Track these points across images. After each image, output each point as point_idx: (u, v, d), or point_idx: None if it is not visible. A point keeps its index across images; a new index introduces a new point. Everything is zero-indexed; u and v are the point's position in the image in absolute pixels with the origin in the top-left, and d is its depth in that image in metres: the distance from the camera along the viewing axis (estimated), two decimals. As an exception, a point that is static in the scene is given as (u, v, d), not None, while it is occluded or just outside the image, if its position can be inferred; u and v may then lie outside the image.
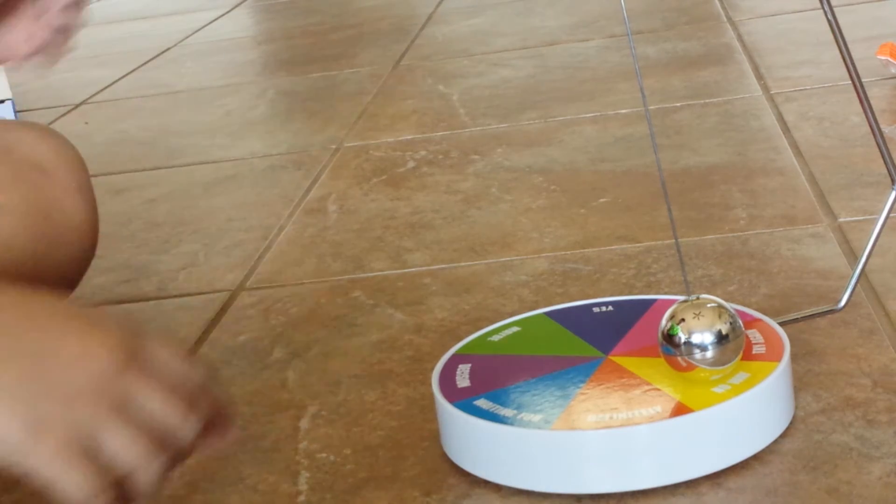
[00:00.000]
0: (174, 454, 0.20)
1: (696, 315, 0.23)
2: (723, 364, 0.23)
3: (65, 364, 0.19)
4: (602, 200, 0.38)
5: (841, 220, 0.34)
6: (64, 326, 0.20)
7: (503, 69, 0.58)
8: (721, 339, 0.23)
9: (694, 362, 0.23)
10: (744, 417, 0.23)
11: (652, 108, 0.48)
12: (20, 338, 0.20)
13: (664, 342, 0.23)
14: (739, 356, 0.23)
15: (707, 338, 0.23)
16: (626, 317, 0.27)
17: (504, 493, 0.23)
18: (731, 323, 0.23)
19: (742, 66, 0.52)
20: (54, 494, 0.19)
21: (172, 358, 0.20)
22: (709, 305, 0.23)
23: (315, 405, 0.28)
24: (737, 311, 0.26)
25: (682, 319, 0.23)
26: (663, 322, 0.23)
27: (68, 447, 0.19)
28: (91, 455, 0.19)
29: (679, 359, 0.23)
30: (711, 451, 0.22)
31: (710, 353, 0.23)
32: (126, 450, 0.20)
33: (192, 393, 0.20)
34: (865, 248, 0.26)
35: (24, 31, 0.24)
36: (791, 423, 0.24)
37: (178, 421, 0.20)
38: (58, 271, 0.25)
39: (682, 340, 0.23)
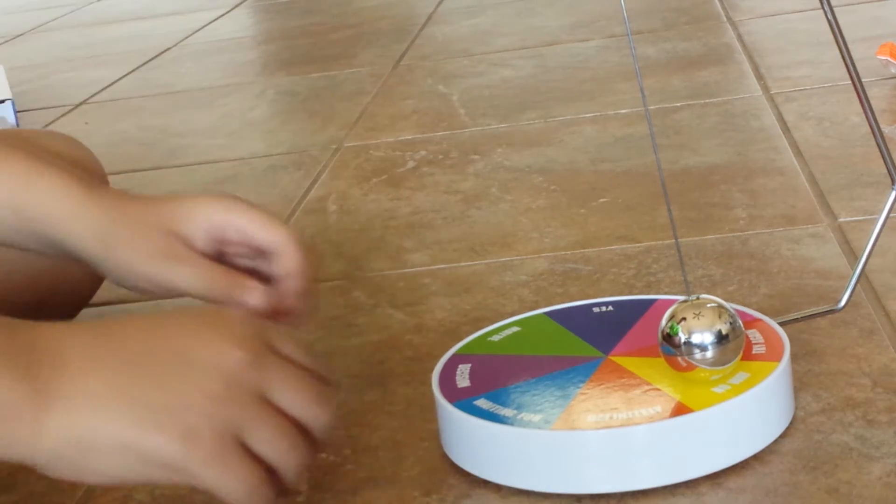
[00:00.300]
0: (313, 442, 0.20)
1: (696, 315, 0.23)
2: (723, 364, 0.23)
3: (201, 371, 0.20)
4: (602, 200, 0.38)
5: (841, 220, 0.34)
6: (190, 333, 0.20)
7: (503, 69, 0.58)
8: (721, 339, 0.23)
9: (694, 362, 0.23)
10: (744, 417, 0.23)
11: (652, 108, 0.48)
12: (153, 354, 0.20)
13: (664, 342, 0.23)
14: (739, 356, 0.23)
15: (707, 338, 0.23)
16: (626, 317, 0.27)
17: (504, 493, 0.23)
18: (730, 323, 0.23)
19: (742, 66, 0.52)
20: (217, 498, 0.20)
21: (297, 349, 0.21)
22: (709, 305, 0.23)
23: (315, 405, 0.28)
24: (737, 311, 0.26)
25: (682, 319, 0.23)
26: (663, 322, 0.23)
27: (220, 451, 0.20)
28: (242, 453, 0.20)
29: (679, 359, 0.23)
30: (711, 452, 0.22)
31: (710, 353, 0.23)
32: (272, 443, 0.20)
33: (320, 382, 0.21)
34: (865, 248, 0.26)
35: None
36: (791, 423, 0.24)
37: (314, 410, 0.20)
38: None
39: (682, 340, 0.23)
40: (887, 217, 0.25)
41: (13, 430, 0.19)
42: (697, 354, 0.23)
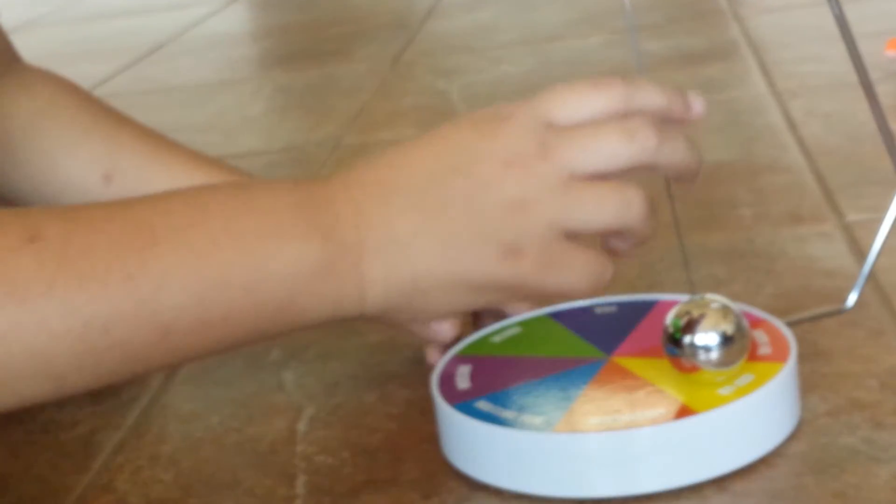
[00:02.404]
0: (676, 180, 0.20)
1: (701, 315, 0.22)
2: (728, 365, 0.23)
3: (494, 184, 0.19)
4: (604, 198, 0.38)
5: (848, 218, 0.33)
6: (470, 149, 0.19)
7: (503, 65, 0.58)
8: (726, 340, 0.22)
9: (698, 364, 0.23)
10: (749, 420, 0.22)
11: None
12: (444, 183, 0.19)
13: (668, 343, 0.23)
14: (745, 358, 0.23)
15: (712, 339, 0.22)
16: (630, 317, 0.26)
17: (505, 496, 0.22)
18: (736, 323, 0.23)
19: (747, 62, 0.51)
20: (566, 298, 0.20)
21: (575, 103, 0.19)
22: (713, 305, 0.23)
23: (312, 407, 0.27)
24: (742, 311, 0.25)
25: (687, 319, 0.22)
26: (667, 322, 0.23)
27: (547, 253, 0.19)
28: (570, 245, 0.19)
29: (683, 360, 0.23)
30: (716, 454, 0.22)
31: (714, 355, 0.22)
32: (598, 216, 0.19)
33: (629, 120, 0.19)
34: (873, 247, 0.25)
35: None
36: (797, 425, 0.23)
37: (623, 153, 0.19)
38: None
39: (687, 341, 0.22)
40: (896, 216, 0.25)
41: (338, 289, 0.19)
42: (702, 356, 0.22)
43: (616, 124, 0.20)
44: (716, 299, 0.23)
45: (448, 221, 0.19)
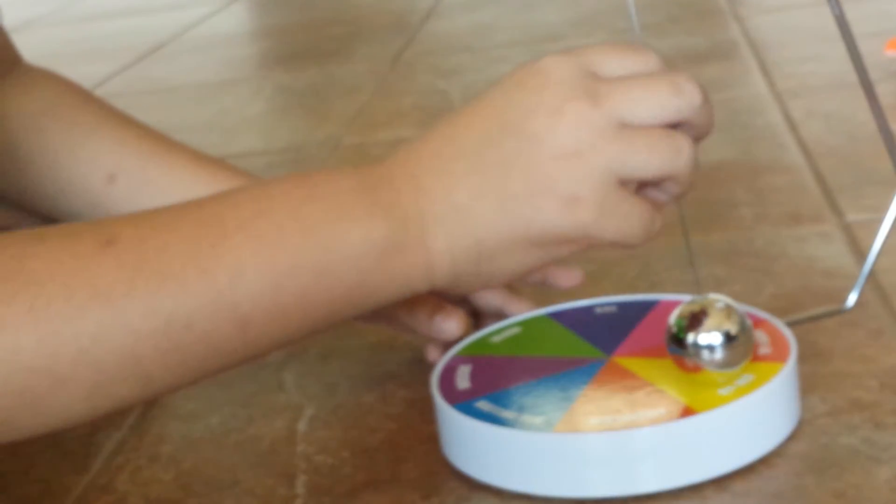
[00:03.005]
0: (694, 133, 0.20)
1: (705, 315, 0.22)
2: (732, 366, 0.23)
3: (546, 139, 0.19)
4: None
5: (848, 218, 0.33)
6: (517, 105, 0.19)
7: (504, 65, 0.58)
8: (730, 339, 0.22)
9: (702, 363, 0.23)
10: (749, 420, 0.22)
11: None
12: (497, 145, 0.19)
13: (671, 343, 0.23)
14: (749, 359, 0.23)
15: (715, 338, 0.22)
16: (630, 317, 0.26)
17: (505, 496, 0.22)
18: (740, 323, 0.22)
19: (747, 62, 0.51)
20: (622, 246, 0.20)
21: (622, 56, 0.20)
22: (717, 305, 0.23)
23: (312, 407, 0.27)
24: (745, 311, 0.25)
25: (690, 319, 0.22)
26: (671, 322, 0.23)
27: (605, 202, 0.19)
28: (625, 192, 0.19)
29: (686, 360, 0.23)
30: (716, 454, 0.22)
31: (718, 355, 0.22)
32: (650, 163, 0.19)
33: (663, 72, 0.20)
34: (873, 247, 0.25)
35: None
36: (797, 425, 0.23)
37: (673, 104, 0.19)
38: None
39: (690, 341, 0.22)
40: (896, 216, 0.25)
41: (407, 264, 0.19)
42: (705, 355, 0.22)
43: (664, 77, 0.20)
44: (719, 299, 0.23)
45: (505, 180, 0.19)
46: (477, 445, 0.23)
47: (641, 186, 0.21)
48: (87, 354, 0.18)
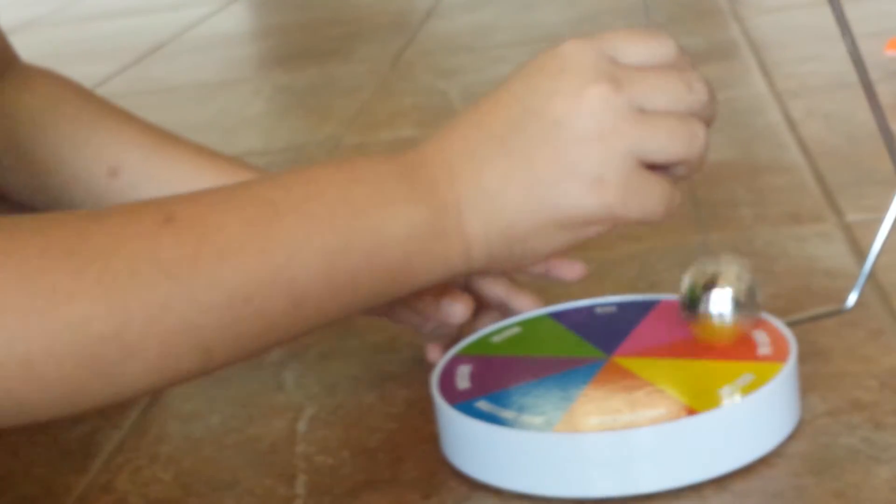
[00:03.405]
0: (705, 121, 0.21)
1: (719, 271, 0.22)
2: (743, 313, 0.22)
3: (571, 121, 0.20)
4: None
5: (848, 218, 0.33)
6: (541, 91, 0.20)
7: (503, 65, 0.58)
8: (746, 295, 0.22)
9: (713, 317, 0.22)
10: (749, 420, 0.22)
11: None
12: (523, 130, 0.20)
13: (687, 306, 0.23)
14: (758, 315, 0.23)
15: (727, 294, 0.22)
16: (630, 317, 0.26)
17: (505, 496, 0.22)
18: (749, 284, 0.22)
19: (747, 62, 0.51)
20: (645, 223, 0.20)
21: (643, 47, 0.20)
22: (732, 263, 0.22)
23: (313, 407, 0.27)
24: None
25: (706, 275, 0.22)
26: (687, 281, 0.23)
27: (628, 182, 0.20)
28: (646, 172, 0.20)
29: (702, 318, 0.22)
30: (716, 454, 0.22)
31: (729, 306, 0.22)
32: (670, 145, 0.20)
33: (678, 63, 0.21)
34: (873, 247, 0.25)
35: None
36: (797, 425, 0.23)
37: (690, 93, 0.20)
38: None
39: (705, 297, 0.22)
40: (896, 215, 0.25)
41: (447, 247, 0.20)
42: (720, 307, 0.22)
43: (677, 72, 0.21)
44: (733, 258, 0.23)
45: (532, 164, 0.20)
46: (477, 445, 0.23)
47: (651, 168, 0.21)
48: (155, 325, 0.18)
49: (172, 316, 0.18)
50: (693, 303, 0.23)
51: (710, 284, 0.22)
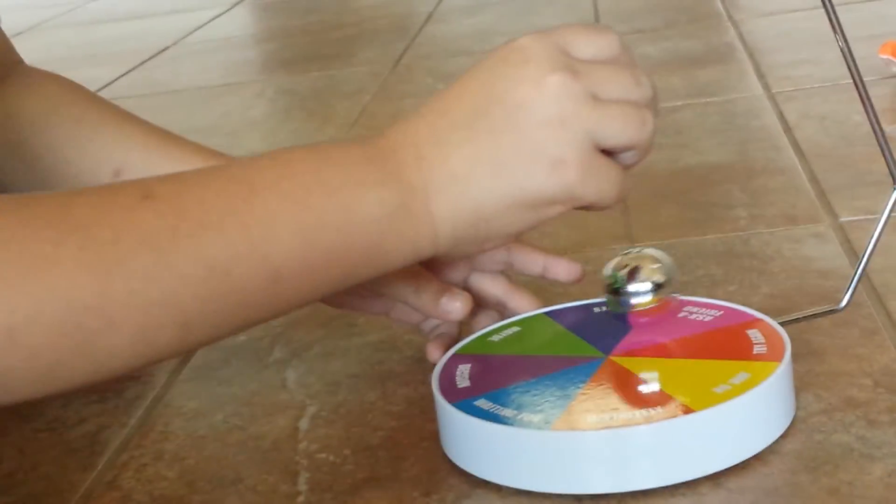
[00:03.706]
0: (654, 111, 0.22)
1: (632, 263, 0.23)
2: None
3: (533, 106, 0.20)
4: (602, 200, 0.39)
5: (842, 219, 0.34)
6: (503, 77, 0.21)
7: (503, 68, 0.58)
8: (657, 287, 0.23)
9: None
10: (745, 417, 0.22)
11: (652, 107, 0.48)
12: (487, 115, 0.21)
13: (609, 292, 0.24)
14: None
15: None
16: (626, 317, 0.26)
17: (504, 493, 0.23)
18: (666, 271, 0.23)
19: (743, 65, 0.52)
20: (596, 209, 0.21)
21: (594, 42, 0.22)
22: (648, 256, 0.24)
23: (315, 405, 0.27)
24: (737, 310, 0.25)
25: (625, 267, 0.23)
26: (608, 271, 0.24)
27: (587, 164, 0.21)
28: (602, 157, 0.21)
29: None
30: (712, 452, 0.22)
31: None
32: (625, 131, 0.21)
33: (623, 59, 0.22)
34: (867, 247, 0.26)
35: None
36: (792, 423, 0.23)
37: (639, 84, 0.21)
38: None
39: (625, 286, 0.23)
40: (888, 217, 0.25)
41: (416, 229, 0.20)
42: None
43: (627, 67, 0.22)
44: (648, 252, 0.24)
45: (497, 147, 0.20)
46: (476, 443, 0.23)
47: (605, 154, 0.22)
48: (137, 296, 0.18)
49: (153, 287, 0.18)
50: (614, 287, 0.24)
51: (629, 271, 0.24)
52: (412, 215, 0.21)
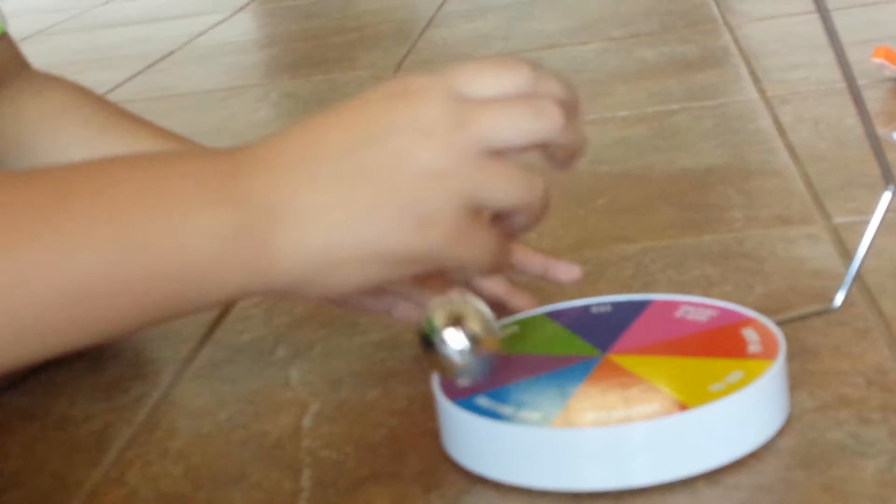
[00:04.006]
0: (559, 162, 0.20)
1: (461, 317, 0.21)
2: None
3: (412, 155, 0.18)
4: (600, 201, 0.39)
5: (836, 220, 0.34)
6: (387, 116, 0.19)
7: (503, 72, 0.59)
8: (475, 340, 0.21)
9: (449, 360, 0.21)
10: (740, 415, 0.23)
11: (650, 110, 0.48)
12: (361, 153, 0.18)
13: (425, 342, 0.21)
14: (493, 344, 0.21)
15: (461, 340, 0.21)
16: (624, 316, 0.27)
17: (503, 489, 0.23)
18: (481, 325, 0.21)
19: (738, 69, 0.52)
20: (464, 273, 0.20)
21: (492, 80, 0.19)
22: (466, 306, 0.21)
23: (317, 403, 0.28)
24: (732, 310, 0.26)
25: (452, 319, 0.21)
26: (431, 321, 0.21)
27: (457, 226, 0.19)
28: (478, 220, 0.19)
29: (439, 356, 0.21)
30: (708, 449, 0.22)
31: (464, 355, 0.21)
32: (507, 193, 0.19)
33: (530, 91, 0.19)
34: (860, 248, 0.26)
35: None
36: (787, 420, 0.24)
37: (540, 129, 0.19)
38: None
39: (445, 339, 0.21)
40: (881, 218, 0.26)
41: (249, 258, 0.18)
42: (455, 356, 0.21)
43: (526, 100, 0.20)
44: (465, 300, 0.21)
45: (364, 193, 0.18)
46: (477, 440, 0.23)
47: (495, 217, 0.20)
48: None
49: None
50: (432, 341, 0.21)
51: (449, 323, 0.21)
52: (247, 242, 0.18)
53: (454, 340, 0.22)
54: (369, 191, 0.19)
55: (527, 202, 0.20)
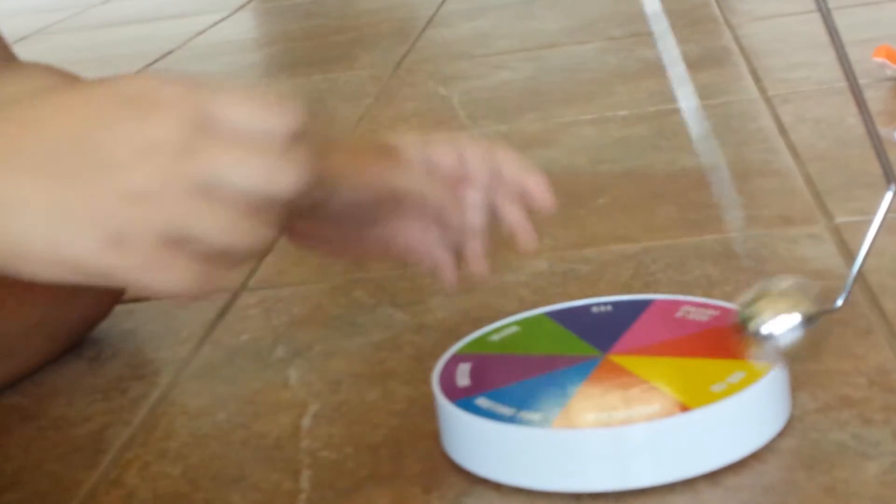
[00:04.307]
0: (283, 207, 0.18)
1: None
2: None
3: (121, 168, 0.17)
4: (601, 201, 0.39)
5: (837, 220, 0.34)
6: (111, 119, 0.17)
7: (503, 71, 0.58)
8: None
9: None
10: (742, 416, 0.23)
11: (651, 109, 0.48)
12: (72, 150, 0.17)
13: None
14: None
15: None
16: (625, 316, 0.27)
17: (503, 491, 0.23)
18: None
19: (739, 69, 0.52)
20: (155, 294, 0.18)
21: (250, 111, 0.18)
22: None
23: (316, 404, 0.28)
24: (734, 310, 0.26)
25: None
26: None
27: (150, 256, 0.17)
28: (177, 253, 0.18)
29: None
30: (709, 450, 0.22)
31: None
32: (215, 237, 0.18)
33: (285, 142, 0.18)
34: (862, 248, 0.26)
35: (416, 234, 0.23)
36: (788, 421, 0.24)
37: (271, 180, 0.17)
38: None
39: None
40: (883, 218, 0.26)
41: None
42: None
43: (273, 151, 0.18)
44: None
45: (65, 197, 0.17)
46: (476, 441, 0.23)
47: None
48: None
49: None
50: (750, 322, 0.21)
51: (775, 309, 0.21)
52: None
53: (782, 329, 0.22)
54: (70, 196, 0.17)
55: (233, 246, 0.18)
